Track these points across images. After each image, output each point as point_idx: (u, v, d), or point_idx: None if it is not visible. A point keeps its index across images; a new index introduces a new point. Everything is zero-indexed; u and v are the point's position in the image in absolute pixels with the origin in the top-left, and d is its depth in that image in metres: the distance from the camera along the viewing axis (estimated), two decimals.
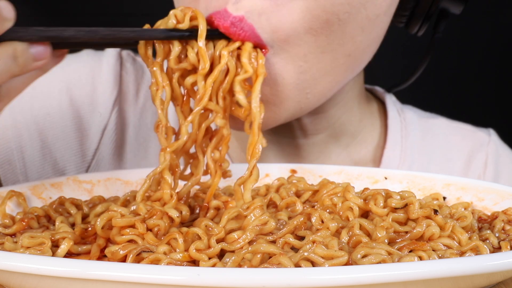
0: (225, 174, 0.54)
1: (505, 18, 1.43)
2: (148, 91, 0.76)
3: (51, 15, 1.40)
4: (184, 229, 0.45)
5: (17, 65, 0.43)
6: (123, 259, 0.42)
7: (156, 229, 0.46)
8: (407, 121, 0.77)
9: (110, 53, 0.76)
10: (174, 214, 0.47)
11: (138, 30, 0.49)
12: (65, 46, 0.47)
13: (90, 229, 0.47)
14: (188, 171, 0.54)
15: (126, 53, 0.78)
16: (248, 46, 0.53)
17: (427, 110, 0.84)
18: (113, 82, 0.74)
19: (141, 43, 0.50)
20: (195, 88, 0.52)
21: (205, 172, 0.54)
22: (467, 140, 0.80)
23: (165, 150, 0.51)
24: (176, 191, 0.51)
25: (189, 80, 0.51)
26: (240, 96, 0.51)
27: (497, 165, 0.78)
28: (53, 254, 0.43)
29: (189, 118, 0.51)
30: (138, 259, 0.42)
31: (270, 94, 0.56)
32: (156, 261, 0.41)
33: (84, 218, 0.51)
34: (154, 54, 0.52)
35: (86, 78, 0.74)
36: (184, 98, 0.52)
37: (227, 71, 0.52)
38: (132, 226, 0.45)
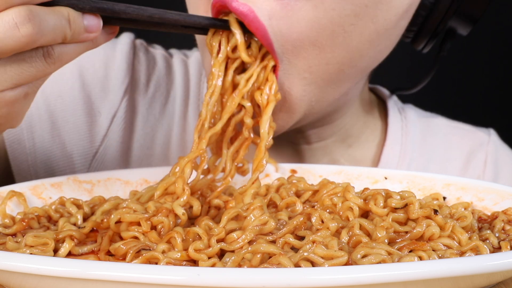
0: (244, 172, 0.56)
1: (508, 18, 1.43)
2: (158, 82, 0.76)
3: None
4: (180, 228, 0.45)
5: (70, 29, 0.44)
6: (125, 255, 0.43)
7: (160, 226, 0.46)
8: (408, 120, 0.78)
9: (124, 41, 0.76)
10: (180, 211, 0.47)
11: (184, 14, 0.51)
12: (116, 22, 0.48)
13: (105, 220, 0.48)
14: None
15: (139, 42, 0.78)
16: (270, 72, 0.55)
17: (428, 109, 0.84)
18: (126, 70, 0.74)
19: (210, 32, 0.54)
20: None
21: (222, 169, 0.55)
22: (466, 139, 0.80)
23: (201, 138, 0.52)
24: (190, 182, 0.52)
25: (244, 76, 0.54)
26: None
27: (496, 164, 0.79)
28: (55, 254, 0.44)
29: (228, 108, 0.53)
30: (138, 256, 0.42)
31: (279, 107, 0.57)
32: (153, 259, 0.41)
33: (85, 218, 0.51)
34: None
35: (99, 64, 0.74)
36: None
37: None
38: (138, 223, 0.46)
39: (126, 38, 0.76)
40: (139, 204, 0.49)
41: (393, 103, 0.78)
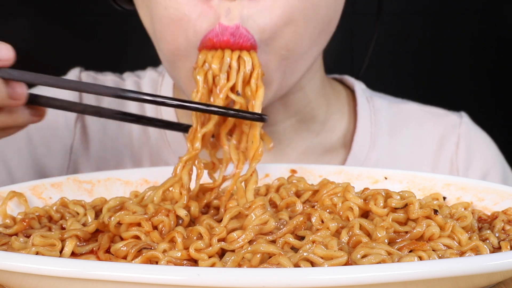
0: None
1: (477, 3, 1.44)
2: (110, 106, 0.77)
3: (51, 14, 1.40)
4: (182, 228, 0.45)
5: None
6: (126, 256, 0.43)
7: (161, 225, 0.46)
8: (376, 108, 0.79)
9: (69, 76, 0.79)
10: (182, 213, 0.47)
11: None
12: (43, 102, 0.52)
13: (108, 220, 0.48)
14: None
15: (86, 73, 0.80)
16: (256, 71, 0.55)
17: (400, 95, 0.84)
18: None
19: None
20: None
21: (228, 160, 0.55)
22: (438, 123, 0.80)
23: (195, 137, 0.52)
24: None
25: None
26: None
27: (469, 146, 0.79)
28: (60, 254, 0.44)
29: (219, 99, 0.53)
30: (139, 255, 0.42)
31: None
32: (153, 258, 0.41)
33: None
34: None
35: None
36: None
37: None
38: (138, 224, 0.46)
39: (71, 73, 0.79)
40: (139, 206, 0.49)
41: (361, 92, 0.80)
